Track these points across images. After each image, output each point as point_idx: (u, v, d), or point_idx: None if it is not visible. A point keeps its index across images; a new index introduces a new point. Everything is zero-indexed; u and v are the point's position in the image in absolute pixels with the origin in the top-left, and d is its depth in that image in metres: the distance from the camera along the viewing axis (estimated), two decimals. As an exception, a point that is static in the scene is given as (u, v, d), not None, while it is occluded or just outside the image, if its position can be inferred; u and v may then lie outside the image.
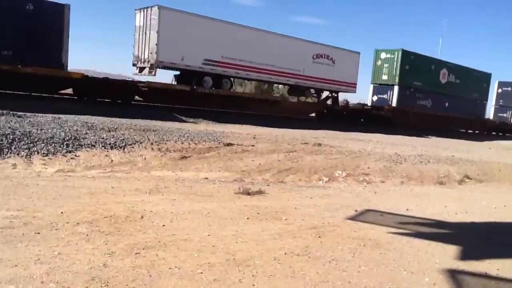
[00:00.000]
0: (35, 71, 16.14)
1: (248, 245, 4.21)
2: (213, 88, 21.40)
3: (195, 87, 20.46)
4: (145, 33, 19.66)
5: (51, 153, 7.92)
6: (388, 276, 3.79)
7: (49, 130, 9.49)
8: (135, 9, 20.45)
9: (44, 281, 3.05)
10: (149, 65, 19.63)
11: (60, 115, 12.29)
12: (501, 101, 40.70)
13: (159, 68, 20.03)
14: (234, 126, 16.84)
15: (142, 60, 20.07)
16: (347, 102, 29.08)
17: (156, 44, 19.03)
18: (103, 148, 8.75)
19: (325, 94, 28.22)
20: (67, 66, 17.65)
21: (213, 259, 3.76)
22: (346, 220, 5.56)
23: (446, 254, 4.55)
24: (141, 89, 19.26)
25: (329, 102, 28.37)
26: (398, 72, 28.25)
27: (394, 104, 28.45)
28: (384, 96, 29.15)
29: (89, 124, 11.24)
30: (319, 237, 4.70)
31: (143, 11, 19.80)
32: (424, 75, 29.94)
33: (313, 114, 28.65)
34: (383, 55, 29.12)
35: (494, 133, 38.38)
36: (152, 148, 9.36)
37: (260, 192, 6.58)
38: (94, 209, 4.90)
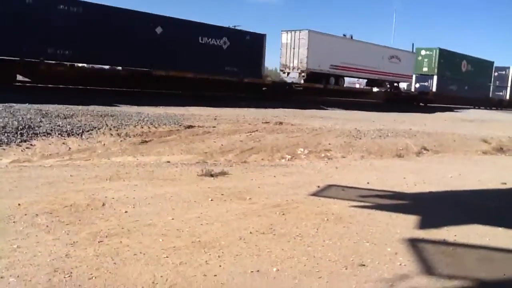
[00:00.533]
0: (252, 81, 24.70)
1: (213, 227, 4.20)
2: (334, 85, 30.23)
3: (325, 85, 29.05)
4: (293, 48, 28.41)
5: (4, 143, 7.61)
6: (351, 248, 3.88)
7: (0, 120, 9.10)
8: (282, 30, 29.35)
9: (3, 275, 2.96)
10: (298, 71, 28.54)
11: (12, 104, 11.78)
12: (497, 82, 49.91)
13: (306, 73, 28.23)
14: (194, 108, 16.65)
15: (291, 68, 28.85)
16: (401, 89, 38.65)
17: (306, 57, 27.75)
18: (59, 136, 8.49)
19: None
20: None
21: (179, 242, 3.74)
22: (309, 196, 5.63)
23: (406, 224, 4.69)
24: (295, 89, 27.42)
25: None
26: (436, 65, 38.19)
27: (434, 90, 38.28)
28: (425, 83, 39.12)
29: (43, 112, 10.84)
30: (283, 214, 4.75)
31: (291, 32, 28.74)
32: (452, 66, 39.95)
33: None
34: (423, 52, 38.78)
35: (494, 108, 46.53)
36: (111, 134, 9.16)
37: (223, 173, 6.57)
38: (53, 199, 4.76)
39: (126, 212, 4.50)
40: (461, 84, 41.36)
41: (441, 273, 3.48)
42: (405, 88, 39.81)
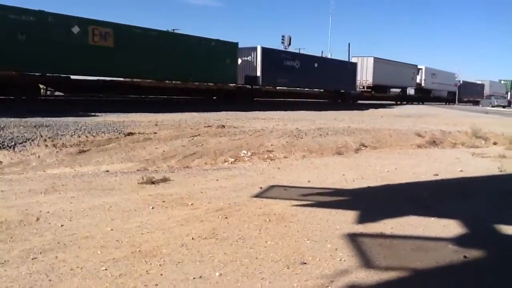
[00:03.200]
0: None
1: (154, 235, 4.13)
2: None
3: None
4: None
5: None
6: (293, 247, 3.94)
7: None
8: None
9: None
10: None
11: None
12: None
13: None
14: (135, 115, 16.30)
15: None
16: None
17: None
18: (-12, 150, 8.03)
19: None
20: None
21: (118, 253, 3.65)
22: (251, 198, 5.66)
23: (346, 220, 4.83)
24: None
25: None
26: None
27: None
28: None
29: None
30: (226, 218, 4.75)
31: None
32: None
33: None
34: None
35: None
36: (46, 145, 8.77)
37: (164, 180, 6.47)
38: (-18, 217, 4.50)
39: (62, 225, 4.33)
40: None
41: (378, 265, 3.61)
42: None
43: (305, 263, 3.59)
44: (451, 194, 6.38)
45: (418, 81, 52.51)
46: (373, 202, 5.74)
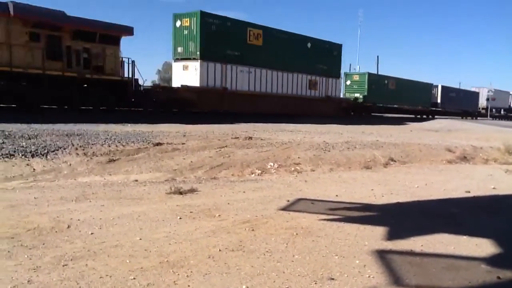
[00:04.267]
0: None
1: (181, 246, 4.15)
2: None
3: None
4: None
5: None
6: (320, 262, 3.90)
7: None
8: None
9: (-40, 306, 2.84)
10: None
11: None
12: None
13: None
14: (163, 125, 16.54)
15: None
16: None
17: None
18: (23, 157, 8.27)
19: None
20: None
21: (146, 263, 3.68)
22: (278, 211, 5.64)
23: (375, 236, 4.75)
24: None
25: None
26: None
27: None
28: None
29: (6, 133, 10.57)
30: (253, 230, 4.74)
31: None
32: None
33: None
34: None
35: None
36: (77, 153, 8.97)
37: (192, 191, 6.52)
38: (16, 223, 4.62)
39: (92, 233, 4.40)
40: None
41: (408, 284, 3.53)
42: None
43: (333, 279, 3.54)
44: (483, 212, 6.21)
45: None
46: (402, 219, 5.63)
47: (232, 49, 25.48)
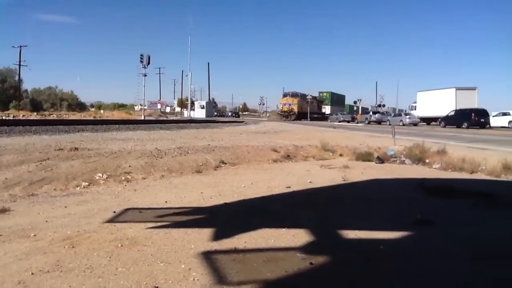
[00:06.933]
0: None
1: (-15, 276, 3.67)
2: None
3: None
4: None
5: None
6: (145, 272, 3.81)
7: None
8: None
9: None
10: None
11: None
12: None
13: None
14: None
15: None
16: None
17: None
18: None
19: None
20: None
21: None
22: (103, 224, 5.37)
23: (201, 238, 4.83)
24: None
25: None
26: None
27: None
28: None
29: None
30: (73, 247, 4.42)
31: None
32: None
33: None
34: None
35: None
36: None
37: (3, 211, 5.83)
38: None
39: None
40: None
41: (231, 281, 3.66)
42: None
43: (157, 287, 3.49)
44: (300, 205, 6.77)
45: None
46: (228, 218, 5.83)
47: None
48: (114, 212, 5.96)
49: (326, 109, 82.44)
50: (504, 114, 45.04)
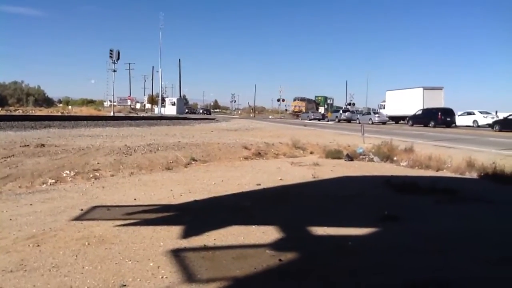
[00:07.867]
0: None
1: None
2: None
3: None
4: None
5: None
6: (113, 270, 3.76)
7: None
8: None
9: None
10: None
11: None
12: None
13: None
14: None
15: None
16: None
17: None
18: None
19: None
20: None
21: None
22: (70, 221, 5.27)
23: (170, 236, 4.80)
24: None
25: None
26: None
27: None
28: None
29: None
30: (38, 245, 4.33)
31: None
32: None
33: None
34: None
35: None
36: None
37: (-38, 210, 5.65)
38: None
39: None
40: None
41: (200, 279, 3.65)
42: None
43: (125, 286, 3.46)
44: (270, 202, 6.81)
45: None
46: (198, 216, 5.81)
47: None
48: (82, 209, 5.86)
49: (321, 110, 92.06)
50: (469, 113, 46.22)
